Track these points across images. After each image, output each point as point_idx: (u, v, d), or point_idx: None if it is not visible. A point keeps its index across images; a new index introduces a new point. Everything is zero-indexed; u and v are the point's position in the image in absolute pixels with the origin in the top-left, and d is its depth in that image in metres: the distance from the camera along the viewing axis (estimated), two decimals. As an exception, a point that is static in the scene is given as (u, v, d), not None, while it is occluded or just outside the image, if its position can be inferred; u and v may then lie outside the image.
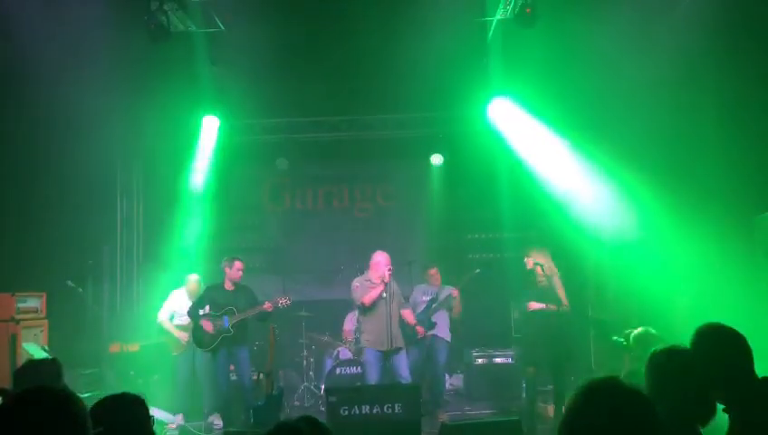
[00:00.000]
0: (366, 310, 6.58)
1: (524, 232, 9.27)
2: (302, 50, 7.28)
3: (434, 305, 7.30)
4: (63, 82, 6.60)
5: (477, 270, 7.47)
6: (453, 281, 7.60)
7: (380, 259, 6.57)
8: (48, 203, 7.62)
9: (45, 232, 7.53)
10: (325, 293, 9.25)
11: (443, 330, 7.36)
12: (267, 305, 6.63)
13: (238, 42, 6.98)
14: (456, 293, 7.30)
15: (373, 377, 6.47)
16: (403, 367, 6.52)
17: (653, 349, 2.59)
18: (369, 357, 6.56)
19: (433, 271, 7.61)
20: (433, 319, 7.27)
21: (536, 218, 8.80)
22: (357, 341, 7.95)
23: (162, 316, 7.44)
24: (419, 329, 7.08)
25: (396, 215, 9.78)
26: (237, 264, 6.84)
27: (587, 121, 8.09)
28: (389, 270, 6.44)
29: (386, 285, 6.43)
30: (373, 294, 6.47)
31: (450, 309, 7.43)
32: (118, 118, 7.91)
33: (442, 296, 7.35)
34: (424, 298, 7.40)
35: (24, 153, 7.28)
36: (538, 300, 6.34)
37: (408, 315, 6.98)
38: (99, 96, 6.95)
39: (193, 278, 7.50)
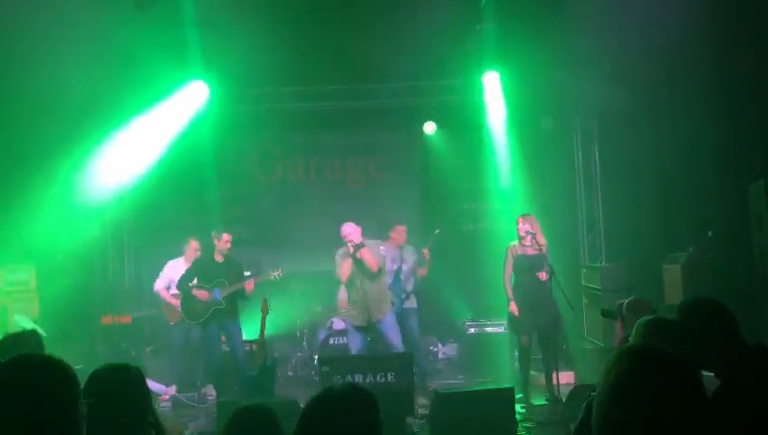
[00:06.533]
0: (345, 284, 6.55)
1: (517, 202, 9.23)
2: (292, 17, 7.12)
3: (402, 275, 7.16)
4: (47, 52, 6.46)
5: (437, 230, 7.53)
6: (445, 251, 7.55)
7: (343, 231, 6.35)
8: (37, 175, 7.50)
9: (34, 205, 7.43)
10: (318, 264, 9.19)
11: (410, 299, 7.28)
12: (250, 283, 6.62)
13: (227, 8, 6.83)
14: (427, 253, 7.26)
15: (353, 350, 6.46)
16: (392, 335, 6.38)
17: (642, 318, 2.58)
18: (350, 329, 6.61)
19: (400, 228, 7.29)
20: (408, 287, 7.19)
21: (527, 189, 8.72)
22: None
23: (159, 286, 7.42)
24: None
25: (388, 186, 9.69)
26: (225, 236, 6.81)
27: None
28: (351, 241, 6.21)
29: (353, 257, 6.26)
30: (344, 268, 6.37)
31: (420, 267, 7.32)
32: (104, 87, 7.74)
33: (411, 260, 7.25)
34: (392, 265, 7.10)
35: (10, 126, 7.15)
36: (527, 268, 6.38)
37: None
38: (85, 64, 6.81)
39: (194, 245, 7.43)
